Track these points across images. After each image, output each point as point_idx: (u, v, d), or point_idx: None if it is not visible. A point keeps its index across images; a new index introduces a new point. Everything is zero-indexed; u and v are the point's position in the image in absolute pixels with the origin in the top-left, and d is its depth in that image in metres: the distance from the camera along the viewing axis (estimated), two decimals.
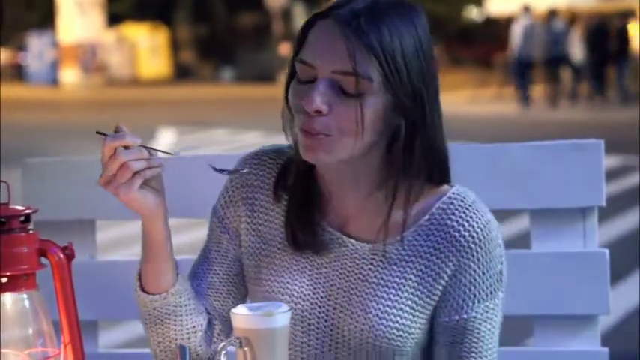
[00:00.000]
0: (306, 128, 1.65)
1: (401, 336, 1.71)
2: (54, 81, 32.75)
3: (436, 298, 1.72)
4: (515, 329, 2.28)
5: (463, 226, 1.71)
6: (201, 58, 37.49)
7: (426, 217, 1.72)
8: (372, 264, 1.73)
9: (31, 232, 1.58)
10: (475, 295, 1.71)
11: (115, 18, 35.93)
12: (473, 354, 1.71)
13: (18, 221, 1.57)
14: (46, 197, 2.30)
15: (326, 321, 1.75)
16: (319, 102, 1.62)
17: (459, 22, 39.76)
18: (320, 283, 1.76)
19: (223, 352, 1.56)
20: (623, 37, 20.59)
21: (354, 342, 1.73)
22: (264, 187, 1.82)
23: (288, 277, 1.77)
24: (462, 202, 1.73)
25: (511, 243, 1.94)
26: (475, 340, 1.71)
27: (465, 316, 1.71)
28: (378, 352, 1.72)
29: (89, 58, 33.33)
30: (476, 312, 1.71)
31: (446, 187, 1.75)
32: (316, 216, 1.77)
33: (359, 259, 1.74)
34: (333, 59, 1.63)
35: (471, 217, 1.71)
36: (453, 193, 1.74)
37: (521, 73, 19.78)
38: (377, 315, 1.71)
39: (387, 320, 1.71)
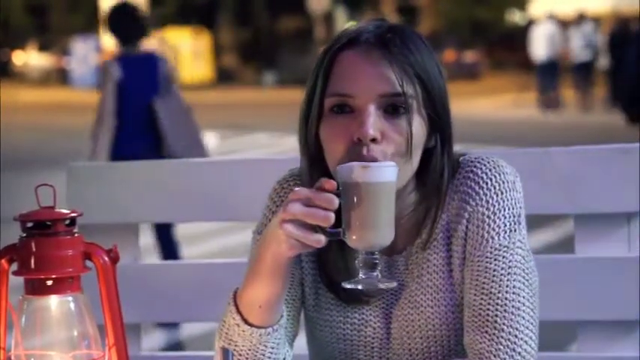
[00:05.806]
0: (363, 158, 1.61)
1: (461, 319, 1.71)
2: (98, 85, 32.92)
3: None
4: (559, 334, 2.26)
5: (469, 177, 1.70)
6: (244, 63, 37.54)
7: (447, 198, 1.72)
8: (421, 267, 1.73)
9: (76, 235, 1.59)
10: (483, 237, 1.68)
11: (157, 22, 36.11)
12: (484, 295, 1.65)
13: (63, 224, 1.58)
14: (90, 200, 2.31)
15: (388, 341, 1.76)
16: (373, 129, 1.61)
17: (501, 26, 39.52)
18: (377, 305, 1.76)
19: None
20: None
21: (418, 344, 1.73)
22: None
23: (348, 305, 1.77)
24: (468, 160, 1.73)
25: (555, 247, 1.93)
26: (486, 280, 1.66)
27: (473, 258, 1.68)
28: (439, 341, 1.73)
29: None
30: (483, 250, 1.67)
31: None
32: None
33: (407, 270, 1.74)
34: (377, 84, 1.63)
35: (476, 165, 1.71)
36: (460, 168, 1.73)
37: (548, 77, 19.61)
38: (437, 318, 1.72)
39: (447, 319, 1.72)
